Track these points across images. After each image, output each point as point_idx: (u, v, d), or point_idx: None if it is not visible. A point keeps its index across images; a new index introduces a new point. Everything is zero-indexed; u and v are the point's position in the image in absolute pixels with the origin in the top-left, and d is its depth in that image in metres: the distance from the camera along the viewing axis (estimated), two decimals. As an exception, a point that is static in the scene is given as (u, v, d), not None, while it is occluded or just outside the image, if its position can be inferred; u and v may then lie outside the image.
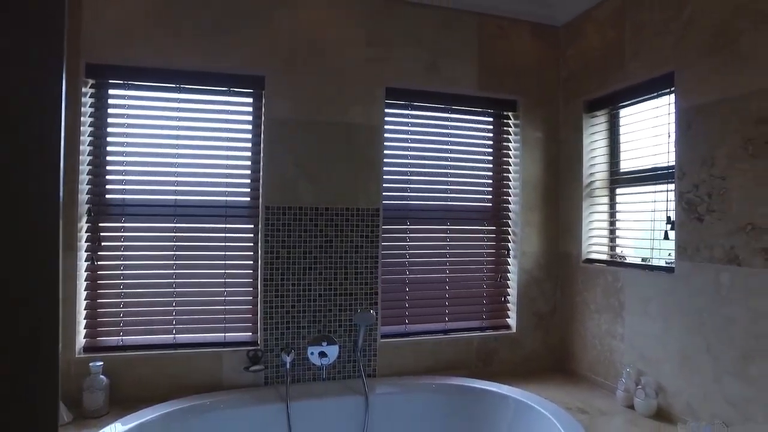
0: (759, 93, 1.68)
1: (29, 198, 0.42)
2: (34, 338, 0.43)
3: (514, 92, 2.59)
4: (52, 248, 0.44)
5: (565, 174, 2.67)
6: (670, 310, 2.00)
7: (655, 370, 2.06)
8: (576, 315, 2.55)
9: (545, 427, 1.87)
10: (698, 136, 1.90)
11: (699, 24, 1.89)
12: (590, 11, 2.45)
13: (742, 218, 1.73)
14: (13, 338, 0.41)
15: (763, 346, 1.64)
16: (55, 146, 0.43)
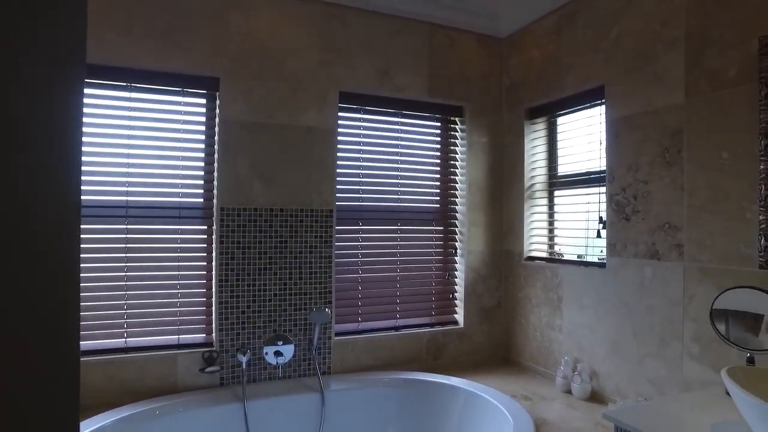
0: (673, 108, 1.93)
1: (48, 201, 0.42)
2: (52, 342, 0.42)
3: (461, 99, 2.77)
4: (74, 251, 0.44)
5: (508, 177, 2.88)
6: (602, 302, 2.24)
7: (590, 357, 2.30)
8: (519, 309, 2.77)
9: (493, 414, 2.04)
10: (625, 145, 2.15)
11: (624, 45, 2.14)
12: (531, 26, 2.68)
13: (661, 218, 1.98)
14: (31, 342, 0.41)
15: (677, 330, 1.90)
16: (76, 149, 0.44)
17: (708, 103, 1.81)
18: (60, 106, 0.43)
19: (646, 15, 2.05)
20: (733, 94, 1.72)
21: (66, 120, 0.43)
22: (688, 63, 1.88)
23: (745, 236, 1.68)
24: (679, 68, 1.91)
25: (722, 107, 1.76)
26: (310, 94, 2.40)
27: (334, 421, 2.21)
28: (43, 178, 0.42)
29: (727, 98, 1.74)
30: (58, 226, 0.43)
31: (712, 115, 1.80)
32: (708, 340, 1.77)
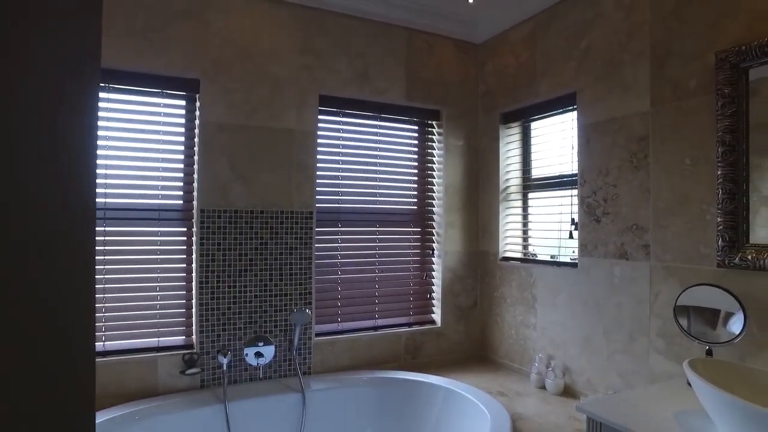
0: (639, 115, 2.06)
1: (66, 203, 0.43)
2: (67, 347, 0.42)
3: (438, 103, 2.86)
4: (89, 256, 0.44)
5: (484, 179, 2.98)
6: (574, 301, 2.35)
7: (563, 354, 2.41)
8: (494, 308, 2.87)
9: (471, 410, 2.12)
10: (595, 149, 2.27)
11: (594, 54, 2.26)
12: (506, 33, 2.78)
13: (629, 220, 2.10)
14: (47, 348, 0.41)
15: (644, 326, 2.02)
16: (92, 150, 0.44)
17: (671, 112, 1.94)
18: (76, 111, 0.43)
19: (614, 27, 2.17)
20: (694, 103, 1.85)
21: (83, 124, 0.44)
22: (653, 73, 2.00)
23: (705, 237, 1.80)
24: (644, 78, 2.04)
25: (684, 116, 1.89)
26: (291, 96, 2.44)
27: (315, 421, 2.25)
28: (60, 180, 0.42)
29: (689, 107, 1.87)
30: (74, 226, 0.43)
31: (675, 122, 1.92)
32: (672, 335, 1.90)
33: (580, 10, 2.33)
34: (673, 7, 1.93)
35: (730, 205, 1.72)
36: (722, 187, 1.74)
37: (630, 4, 2.10)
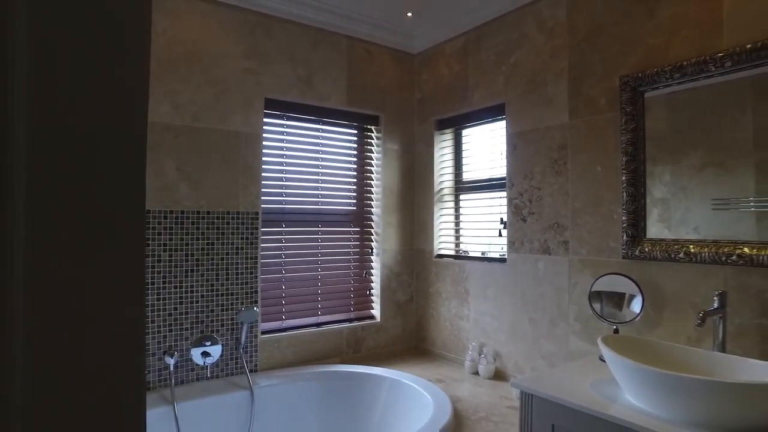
0: (559, 126, 2.38)
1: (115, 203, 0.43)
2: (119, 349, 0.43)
3: (377, 109, 3.06)
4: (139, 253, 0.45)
5: (419, 181, 3.22)
6: (503, 293, 2.65)
7: (493, 341, 2.70)
8: (430, 302, 3.12)
9: (416, 397, 2.34)
10: (521, 155, 2.57)
11: (520, 70, 2.57)
12: (441, 45, 3.04)
13: (551, 219, 2.42)
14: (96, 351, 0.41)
15: (564, 313, 2.34)
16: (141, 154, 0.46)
17: (586, 125, 2.27)
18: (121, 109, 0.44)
19: (537, 48, 2.48)
20: (603, 119, 2.20)
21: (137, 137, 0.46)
22: (571, 90, 2.33)
23: (613, 233, 2.15)
24: (563, 94, 2.37)
25: (596, 129, 2.23)
26: (237, 99, 2.52)
27: (264, 417, 2.36)
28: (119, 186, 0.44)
29: (599, 122, 2.21)
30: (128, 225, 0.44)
31: (588, 134, 2.26)
32: (586, 319, 2.23)
33: (507, 30, 2.63)
34: (585, 35, 2.27)
35: (632, 206, 2.07)
36: (626, 191, 2.08)
37: (551, 28, 2.42)
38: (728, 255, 1.75)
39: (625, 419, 1.42)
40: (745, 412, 1.30)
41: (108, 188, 0.43)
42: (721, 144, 1.84)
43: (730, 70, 1.78)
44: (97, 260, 0.42)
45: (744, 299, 1.73)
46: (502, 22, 2.66)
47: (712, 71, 1.82)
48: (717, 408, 1.31)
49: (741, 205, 1.78)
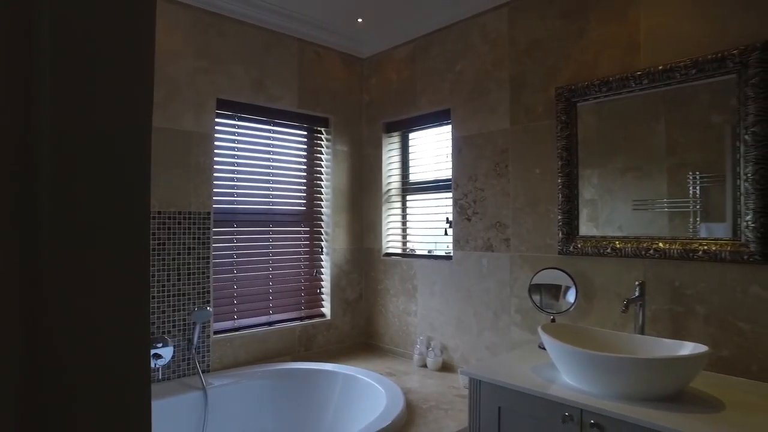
0: (501, 132, 2.59)
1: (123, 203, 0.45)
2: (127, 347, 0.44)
3: (327, 111, 3.16)
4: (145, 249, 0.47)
5: (368, 182, 3.35)
6: (449, 288, 2.83)
7: (440, 335, 2.87)
8: (378, 299, 3.26)
9: (369, 390, 2.46)
10: (466, 158, 2.76)
11: (465, 78, 2.76)
12: (389, 51, 3.18)
13: (494, 218, 2.62)
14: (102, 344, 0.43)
15: (506, 306, 2.55)
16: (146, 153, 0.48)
17: (525, 131, 2.49)
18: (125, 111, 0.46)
19: (481, 58, 2.68)
20: (541, 126, 2.42)
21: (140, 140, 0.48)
22: (512, 99, 2.54)
23: (550, 231, 2.37)
24: (505, 102, 2.57)
25: (535, 135, 2.45)
26: (188, 99, 2.54)
27: (218, 417, 2.40)
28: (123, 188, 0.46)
29: (537, 128, 2.43)
30: (132, 227, 0.46)
31: (528, 140, 2.48)
32: (527, 310, 2.44)
33: (453, 39, 2.81)
34: (525, 48, 2.48)
35: (567, 206, 2.30)
36: (561, 192, 2.31)
37: (493, 40, 2.62)
38: (646, 249, 2.01)
39: (563, 397, 1.61)
40: (658, 381, 1.53)
41: (116, 194, 0.45)
42: (640, 150, 2.10)
43: (647, 87, 2.04)
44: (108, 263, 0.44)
45: (658, 287, 1.99)
46: (448, 31, 2.84)
47: (633, 87, 2.07)
48: (637, 380, 1.53)
49: (656, 205, 2.05)
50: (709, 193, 1.92)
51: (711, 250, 1.84)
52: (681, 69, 1.92)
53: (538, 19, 2.43)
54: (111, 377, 0.44)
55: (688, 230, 1.95)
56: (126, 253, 0.45)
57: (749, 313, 1.78)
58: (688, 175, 1.97)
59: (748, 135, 1.75)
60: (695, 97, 1.93)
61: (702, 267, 1.89)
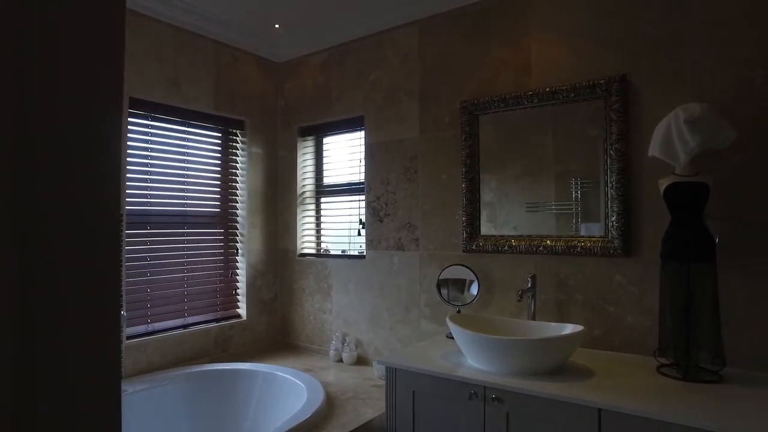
0: (411, 140, 2.83)
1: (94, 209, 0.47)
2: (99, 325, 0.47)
3: (242, 114, 3.21)
4: (117, 250, 0.50)
5: (283, 185, 3.45)
6: (363, 286, 3.02)
7: (355, 330, 3.05)
8: (294, 299, 3.37)
9: (290, 386, 2.57)
10: (379, 163, 2.97)
11: (379, 87, 2.97)
12: (305, 57, 3.31)
13: (404, 219, 2.86)
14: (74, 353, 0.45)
15: (416, 301, 2.79)
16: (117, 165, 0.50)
17: (433, 139, 2.74)
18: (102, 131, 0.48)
19: (393, 70, 2.90)
20: (447, 135, 2.69)
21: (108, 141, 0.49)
22: (421, 109, 2.79)
23: (455, 231, 2.65)
24: (415, 112, 2.82)
25: (442, 143, 2.71)
26: (98, 97, 2.49)
27: (135, 425, 2.39)
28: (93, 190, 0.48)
29: (444, 137, 2.70)
30: (104, 229, 0.49)
31: (435, 147, 2.74)
32: (435, 304, 2.70)
33: (368, 50, 3.01)
34: (433, 64, 2.74)
35: (470, 208, 2.58)
36: (465, 196, 2.59)
37: (405, 54, 2.85)
38: (537, 246, 2.34)
39: (469, 377, 1.86)
40: (545, 358, 1.83)
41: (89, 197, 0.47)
42: (532, 159, 2.43)
43: (537, 104, 2.37)
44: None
45: (547, 279, 2.33)
46: (363, 43, 3.03)
47: (526, 104, 2.40)
48: (529, 358, 1.82)
49: (545, 207, 2.39)
50: (588, 197, 2.28)
51: (587, 246, 2.20)
52: (563, 91, 2.27)
53: (446, 38, 2.70)
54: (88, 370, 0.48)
55: (571, 229, 2.31)
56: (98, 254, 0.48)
57: (614, 297, 2.16)
58: (571, 181, 2.32)
59: (612, 150, 2.12)
60: (576, 113, 2.29)
61: (580, 260, 2.25)
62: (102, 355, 0.49)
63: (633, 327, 2.11)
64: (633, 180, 2.12)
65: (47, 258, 0.44)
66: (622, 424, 1.53)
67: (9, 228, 0.41)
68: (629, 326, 2.12)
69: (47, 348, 0.44)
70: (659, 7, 2.08)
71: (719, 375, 1.74)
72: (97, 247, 0.48)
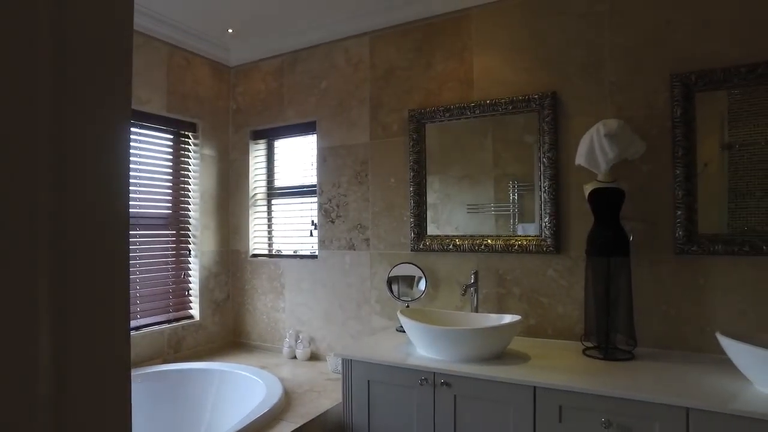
0: (362, 145, 3.00)
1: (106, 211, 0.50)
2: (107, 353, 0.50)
3: (195, 116, 3.27)
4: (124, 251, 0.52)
5: (235, 187, 3.53)
6: (316, 285, 3.16)
7: (308, 328, 3.19)
8: (246, 299, 3.46)
9: (247, 383, 2.67)
10: (330, 167, 3.12)
11: (330, 94, 3.12)
12: (258, 62, 3.40)
13: (355, 221, 3.02)
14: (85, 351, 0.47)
15: (367, 297, 2.97)
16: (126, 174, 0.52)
17: (383, 145, 2.93)
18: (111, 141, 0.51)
19: (345, 78, 3.06)
20: (396, 141, 2.88)
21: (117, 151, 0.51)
22: (371, 116, 2.97)
23: (403, 231, 2.84)
24: (365, 118, 2.99)
25: (391, 148, 2.90)
26: (50, 100, 2.49)
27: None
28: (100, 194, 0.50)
29: (393, 143, 2.89)
30: (113, 232, 0.51)
31: (384, 152, 2.92)
32: (385, 300, 2.88)
33: (320, 58, 3.15)
34: (383, 74, 2.93)
35: (417, 210, 2.78)
36: (413, 198, 2.79)
37: (356, 63, 3.02)
38: (479, 245, 2.57)
39: (419, 365, 2.05)
40: (487, 345, 2.06)
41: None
42: (473, 162, 2.66)
43: (479, 115, 2.60)
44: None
45: (488, 275, 2.57)
46: (315, 50, 3.17)
47: (468, 115, 2.63)
48: (472, 346, 2.04)
49: (485, 209, 2.63)
50: (524, 199, 2.54)
51: (523, 244, 2.46)
52: (502, 104, 2.51)
53: (395, 50, 2.89)
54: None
55: (509, 229, 2.56)
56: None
57: (547, 290, 2.42)
58: (509, 183, 2.58)
59: (545, 158, 2.39)
60: (514, 122, 2.54)
61: (517, 257, 2.50)
62: (118, 344, 0.52)
63: (563, 316, 2.39)
64: (563, 185, 2.39)
65: (73, 257, 0.47)
66: (553, 398, 1.77)
67: (43, 228, 0.44)
68: (560, 315, 2.40)
69: (77, 340, 0.47)
70: (583, 34, 2.37)
71: (632, 354, 2.03)
72: (113, 247, 0.51)
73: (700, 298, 2.12)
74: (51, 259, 0.45)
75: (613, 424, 1.67)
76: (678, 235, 2.12)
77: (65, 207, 0.46)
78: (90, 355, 0.49)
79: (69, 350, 0.47)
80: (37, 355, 0.44)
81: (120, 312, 0.53)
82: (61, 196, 0.46)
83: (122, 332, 0.53)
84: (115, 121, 0.52)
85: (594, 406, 1.70)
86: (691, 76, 2.11)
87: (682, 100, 2.12)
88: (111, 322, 0.51)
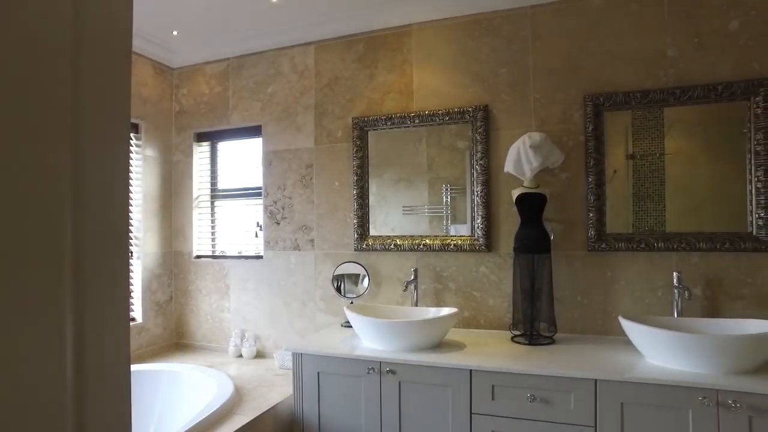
0: (307, 149, 3.14)
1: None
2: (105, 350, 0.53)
3: (138, 117, 3.27)
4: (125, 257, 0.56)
5: (178, 188, 3.56)
6: (261, 284, 3.27)
7: (254, 327, 3.29)
8: (190, 300, 3.50)
9: (196, 381, 2.73)
10: (276, 170, 3.24)
11: (276, 100, 3.23)
12: (202, 65, 3.45)
13: (300, 222, 3.16)
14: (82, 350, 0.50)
15: (312, 296, 3.11)
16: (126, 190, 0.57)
17: (327, 150, 3.09)
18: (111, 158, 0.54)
19: (290, 84, 3.19)
20: (340, 147, 3.05)
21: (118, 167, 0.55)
22: (316, 123, 3.12)
23: (347, 232, 3.02)
24: (310, 124, 3.14)
25: (335, 153, 3.06)
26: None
27: None
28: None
29: (337, 149, 3.06)
30: (119, 237, 0.56)
31: (329, 157, 3.08)
32: (330, 298, 3.04)
33: (265, 64, 3.26)
34: (328, 82, 3.09)
35: (360, 212, 2.97)
36: (356, 201, 2.97)
37: (302, 71, 3.16)
38: (418, 245, 2.80)
39: (366, 355, 2.24)
40: (426, 336, 2.28)
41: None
42: (409, 166, 2.88)
43: (418, 124, 2.83)
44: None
45: (426, 272, 2.80)
46: (261, 56, 3.27)
47: (408, 124, 2.85)
48: (413, 336, 2.26)
49: (420, 210, 2.86)
50: (456, 202, 2.79)
51: (458, 243, 2.71)
52: (440, 115, 2.75)
53: (339, 60, 3.06)
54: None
55: (443, 230, 2.80)
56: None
57: (479, 285, 2.69)
58: (442, 186, 2.81)
59: (478, 165, 2.65)
60: (449, 131, 2.78)
61: (453, 256, 2.75)
62: (120, 337, 0.56)
63: (493, 308, 2.66)
64: (493, 190, 2.66)
65: (92, 259, 0.52)
66: (487, 379, 2.02)
67: (68, 236, 0.49)
68: (491, 307, 2.67)
69: (91, 334, 0.51)
70: (511, 55, 2.65)
71: (553, 339, 2.33)
72: (117, 250, 0.56)
73: (607, 288, 2.46)
74: (73, 263, 0.49)
75: (537, 398, 1.94)
76: (590, 234, 2.45)
77: (83, 217, 0.51)
78: (102, 353, 0.53)
79: (86, 347, 0.51)
80: (65, 351, 0.48)
81: (124, 309, 0.57)
82: (76, 206, 0.50)
83: (126, 330, 0.57)
84: (122, 138, 0.57)
85: (521, 384, 1.96)
86: (600, 97, 2.44)
87: (594, 117, 2.45)
88: (118, 319, 0.55)
